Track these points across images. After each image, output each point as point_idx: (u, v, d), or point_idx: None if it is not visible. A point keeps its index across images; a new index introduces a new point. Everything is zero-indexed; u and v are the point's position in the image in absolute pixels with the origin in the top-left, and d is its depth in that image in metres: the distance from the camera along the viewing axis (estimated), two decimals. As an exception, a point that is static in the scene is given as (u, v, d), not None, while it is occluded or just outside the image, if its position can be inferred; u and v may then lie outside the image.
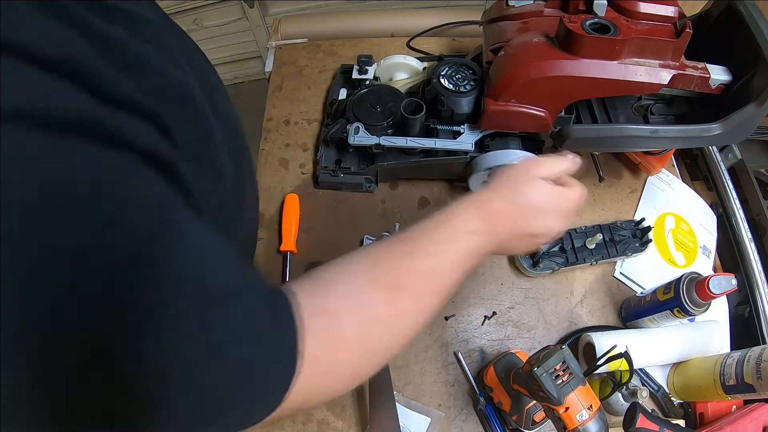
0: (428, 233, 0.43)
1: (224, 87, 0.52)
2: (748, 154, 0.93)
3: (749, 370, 0.57)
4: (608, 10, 0.62)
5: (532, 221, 0.48)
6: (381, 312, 0.37)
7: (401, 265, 0.40)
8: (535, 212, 0.48)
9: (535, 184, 0.48)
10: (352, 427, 0.68)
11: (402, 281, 0.39)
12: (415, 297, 0.39)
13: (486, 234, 0.45)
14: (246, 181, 0.58)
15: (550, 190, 0.48)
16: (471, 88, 0.72)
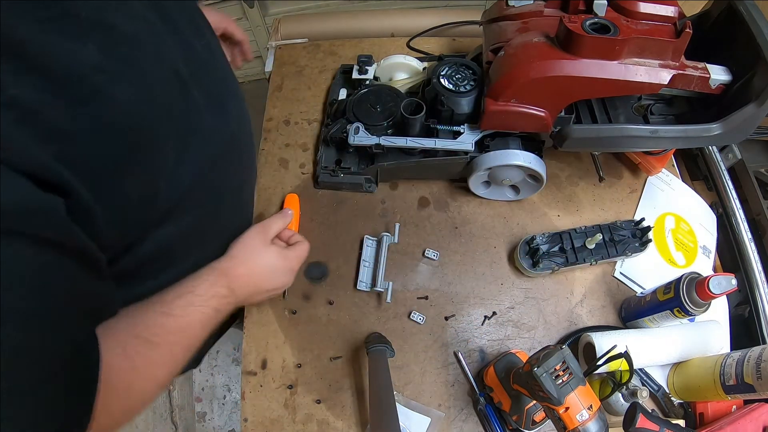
0: (182, 297, 0.50)
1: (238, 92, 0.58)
2: (748, 154, 0.93)
3: (749, 370, 0.57)
4: (608, 10, 0.62)
5: (267, 281, 0.59)
6: (139, 361, 0.43)
7: (158, 322, 0.47)
8: (269, 273, 0.59)
9: (267, 251, 0.59)
10: (352, 427, 0.68)
11: (158, 337, 0.46)
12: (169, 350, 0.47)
13: (229, 296, 0.54)
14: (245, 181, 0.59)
15: (280, 255, 0.60)
16: (471, 88, 0.72)
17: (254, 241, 0.59)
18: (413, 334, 0.73)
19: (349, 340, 0.72)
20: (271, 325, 0.73)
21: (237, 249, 0.58)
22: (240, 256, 0.57)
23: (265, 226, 0.61)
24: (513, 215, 0.80)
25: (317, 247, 0.78)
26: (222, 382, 1.70)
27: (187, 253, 0.56)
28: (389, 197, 0.81)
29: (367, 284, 0.74)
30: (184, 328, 0.49)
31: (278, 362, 0.71)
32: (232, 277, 0.55)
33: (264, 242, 0.59)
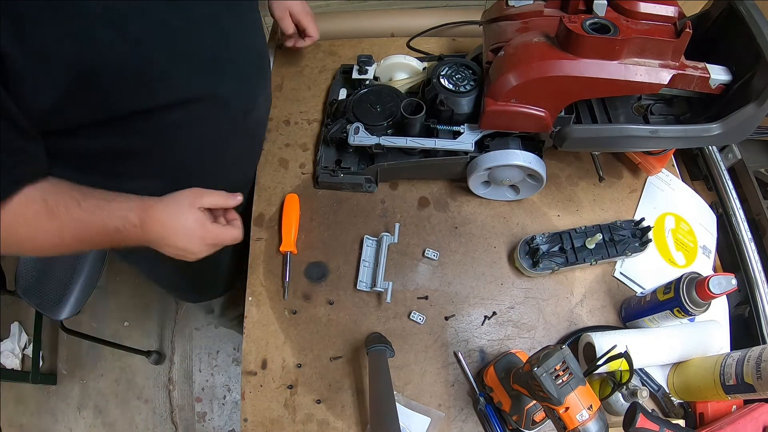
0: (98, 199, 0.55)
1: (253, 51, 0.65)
2: (748, 154, 0.93)
3: (749, 370, 0.57)
4: (608, 10, 0.62)
5: (178, 238, 0.60)
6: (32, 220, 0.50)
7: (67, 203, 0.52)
8: (182, 233, 0.60)
9: (189, 212, 0.60)
10: (352, 427, 0.68)
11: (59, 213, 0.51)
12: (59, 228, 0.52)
13: (137, 227, 0.57)
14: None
15: (200, 223, 0.61)
16: (471, 88, 0.72)
17: (183, 198, 0.61)
18: (413, 334, 0.73)
19: (349, 340, 0.72)
20: (271, 325, 0.73)
21: (168, 197, 0.60)
22: (165, 202, 0.60)
23: (201, 192, 0.62)
24: (513, 215, 0.80)
25: (317, 247, 0.78)
26: (222, 382, 1.70)
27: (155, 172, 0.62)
28: (389, 197, 0.81)
29: (367, 284, 0.74)
30: (84, 222, 0.53)
31: (278, 362, 0.71)
32: (148, 214, 0.58)
33: (191, 204, 0.61)
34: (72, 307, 1.29)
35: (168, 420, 1.66)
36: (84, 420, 1.66)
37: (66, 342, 1.76)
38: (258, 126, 0.76)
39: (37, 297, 1.29)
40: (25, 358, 1.74)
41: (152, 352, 1.69)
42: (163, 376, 1.71)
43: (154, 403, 1.68)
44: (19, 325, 1.77)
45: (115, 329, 1.78)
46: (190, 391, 1.68)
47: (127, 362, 1.72)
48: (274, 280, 0.76)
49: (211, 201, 0.62)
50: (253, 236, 0.79)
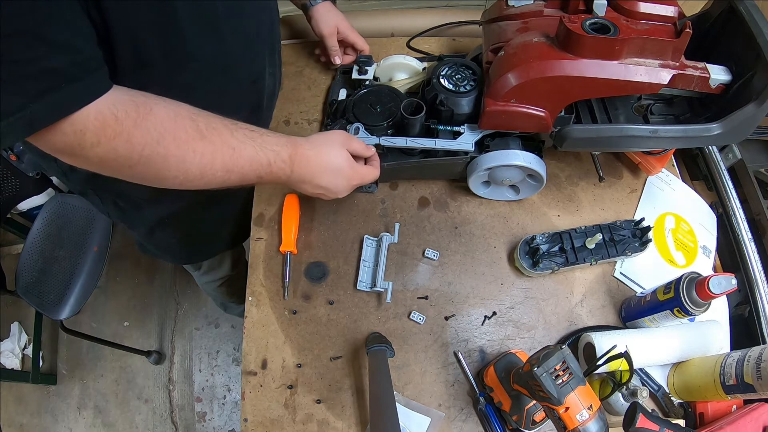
0: (250, 130, 0.55)
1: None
2: (748, 154, 0.93)
3: (749, 370, 0.57)
4: (608, 10, 0.62)
5: (325, 176, 0.61)
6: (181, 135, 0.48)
7: (218, 128, 0.51)
8: (331, 170, 0.61)
9: (341, 152, 0.62)
10: (352, 427, 0.68)
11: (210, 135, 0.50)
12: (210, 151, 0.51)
13: (285, 162, 0.57)
14: None
15: (349, 161, 0.63)
16: (471, 88, 0.72)
17: (335, 137, 0.62)
18: (413, 334, 0.73)
19: (349, 340, 0.72)
20: (271, 325, 0.73)
21: (315, 137, 0.61)
22: (316, 141, 0.60)
23: (349, 136, 0.65)
24: (513, 215, 0.80)
25: (317, 247, 0.78)
26: (222, 382, 1.70)
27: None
28: (389, 197, 0.81)
29: (367, 284, 0.74)
30: (234, 148, 0.52)
31: (278, 362, 0.71)
32: (299, 152, 0.58)
33: (342, 144, 0.62)
34: (72, 307, 1.29)
35: (168, 420, 1.66)
36: (84, 420, 1.67)
37: (66, 342, 1.76)
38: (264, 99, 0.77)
39: (37, 297, 1.30)
40: (25, 358, 1.74)
41: (152, 352, 1.69)
42: (163, 376, 1.71)
43: (154, 403, 1.68)
44: (19, 325, 1.77)
45: (115, 329, 1.79)
46: (190, 391, 1.68)
47: (127, 362, 1.72)
48: (274, 280, 0.76)
49: (356, 147, 0.64)
50: (253, 236, 0.79)
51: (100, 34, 0.48)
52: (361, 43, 0.89)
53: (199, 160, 0.50)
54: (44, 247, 1.37)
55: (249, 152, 0.54)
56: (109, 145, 0.45)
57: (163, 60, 0.55)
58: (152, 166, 0.49)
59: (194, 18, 0.54)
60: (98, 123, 0.44)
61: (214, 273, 1.14)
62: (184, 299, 1.82)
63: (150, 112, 0.46)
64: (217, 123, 0.52)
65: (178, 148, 0.49)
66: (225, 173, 0.53)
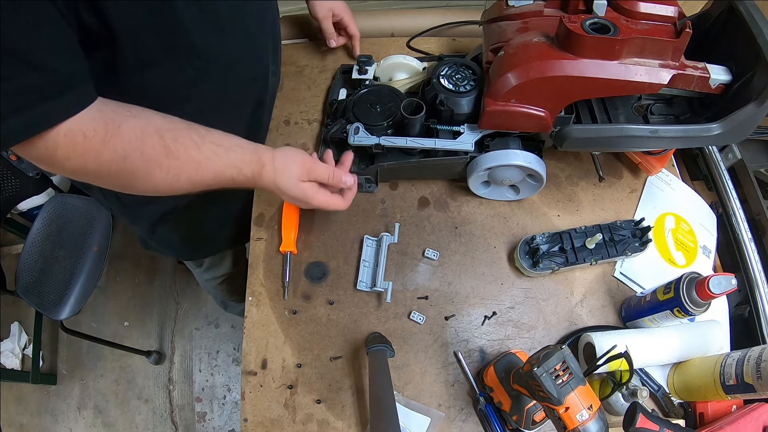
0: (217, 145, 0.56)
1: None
2: (748, 154, 0.93)
3: (749, 370, 0.57)
4: (608, 10, 0.62)
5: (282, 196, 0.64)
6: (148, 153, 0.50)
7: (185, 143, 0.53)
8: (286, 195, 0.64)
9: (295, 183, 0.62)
10: (352, 427, 0.68)
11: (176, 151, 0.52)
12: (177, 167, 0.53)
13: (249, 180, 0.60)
14: None
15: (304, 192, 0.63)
16: (471, 88, 0.72)
17: (295, 170, 0.62)
18: (413, 334, 0.73)
19: (349, 340, 0.72)
20: (271, 325, 0.73)
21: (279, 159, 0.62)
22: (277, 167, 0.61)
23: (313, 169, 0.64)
24: (513, 215, 0.80)
25: (317, 247, 0.78)
26: (222, 382, 1.70)
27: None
28: (389, 197, 0.81)
29: (367, 284, 0.74)
30: (200, 164, 0.54)
31: (278, 362, 0.71)
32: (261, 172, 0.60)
33: (300, 177, 0.63)
34: (72, 307, 1.29)
35: (168, 420, 1.66)
36: (84, 420, 1.67)
37: (66, 342, 1.76)
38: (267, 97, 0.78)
39: (37, 297, 1.30)
40: (25, 358, 1.74)
41: (152, 352, 1.69)
42: (163, 376, 1.71)
43: (154, 403, 1.68)
44: (19, 325, 1.77)
45: (115, 329, 1.79)
46: (190, 391, 1.68)
47: (127, 362, 1.72)
48: (274, 280, 0.76)
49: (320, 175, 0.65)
50: (253, 236, 0.79)
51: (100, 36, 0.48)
52: (353, 28, 0.90)
53: (165, 175, 0.53)
54: (44, 247, 1.37)
55: (213, 168, 0.56)
56: (79, 161, 0.47)
57: (166, 59, 0.56)
58: (121, 179, 0.51)
59: (196, 17, 0.54)
60: (68, 140, 0.45)
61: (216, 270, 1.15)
62: (184, 299, 1.82)
63: (118, 129, 0.48)
64: (185, 138, 0.53)
65: (145, 164, 0.51)
66: (191, 185, 0.56)
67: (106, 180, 0.51)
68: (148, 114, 0.52)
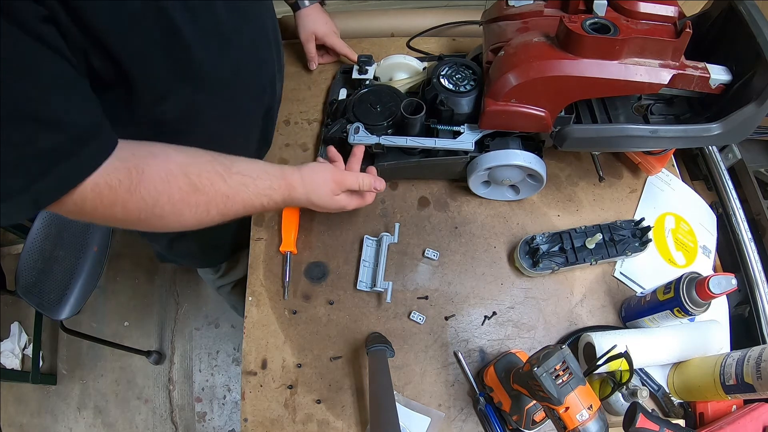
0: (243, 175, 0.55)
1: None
2: (748, 154, 0.93)
3: (749, 370, 0.57)
4: (608, 10, 0.62)
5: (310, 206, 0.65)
6: (175, 195, 0.49)
7: (211, 178, 0.52)
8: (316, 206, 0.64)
9: (331, 199, 0.64)
10: (352, 427, 0.68)
11: (203, 187, 0.51)
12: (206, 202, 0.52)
13: (279, 204, 0.60)
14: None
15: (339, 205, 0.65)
16: (471, 88, 0.72)
17: (327, 186, 0.63)
18: (413, 334, 0.73)
19: (349, 340, 0.72)
20: (271, 325, 0.73)
21: (308, 177, 0.62)
22: (308, 185, 0.62)
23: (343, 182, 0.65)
24: (513, 215, 0.80)
25: (317, 247, 0.78)
26: (222, 382, 1.70)
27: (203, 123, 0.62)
28: (389, 197, 0.81)
29: (367, 284, 0.74)
30: (228, 197, 0.54)
31: (278, 362, 0.71)
32: (292, 195, 0.61)
33: (334, 191, 0.64)
34: (72, 307, 1.29)
35: (168, 420, 1.66)
36: (84, 420, 1.67)
37: (66, 342, 1.76)
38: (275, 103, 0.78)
39: (37, 297, 1.30)
40: (25, 358, 1.74)
41: (152, 352, 1.69)
42: (163, 376, 1.71)
43: (154, 403, 1.68)
44: (19, 325, 1.77)
45: (115, 329, 1.79)
46: (190, 391, 1.68)
47: (127, 362, 1.72)
48: (274, 280, 0.76)
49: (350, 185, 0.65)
50: (253, 236, 0.79)
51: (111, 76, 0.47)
52: (341, 47, 0.89)
53: (194, 212, 0.52)
54: (44, 247, 1.37)
55: (242, 198, 0.55)
56: (107, 211, 0.47)
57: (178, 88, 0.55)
58: (151, 223, 0.51)
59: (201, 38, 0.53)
60: (95, 194, 0.45)
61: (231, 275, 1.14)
62: (184, 299, 1.82)
63: (142, 176, 0.47)
64: (210, 172, 0.52)
65: (174, 206, 0.50)
66: (221, 217, 0.55)
67: (136, 225, 0.50)
68: (168, 151, 0.51)
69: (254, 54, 0.65)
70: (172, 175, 0.49)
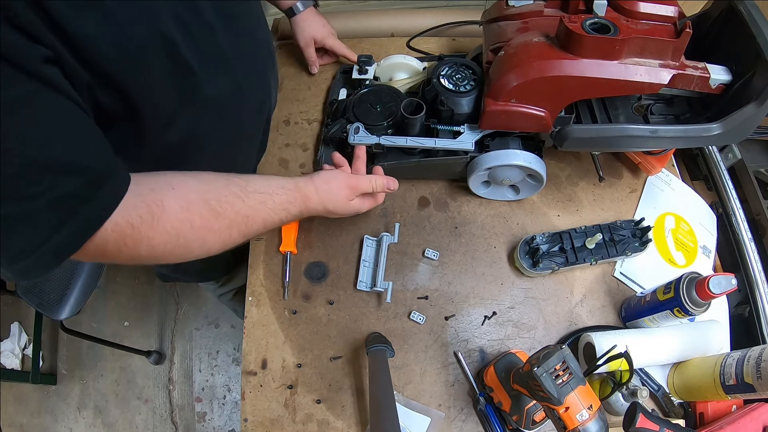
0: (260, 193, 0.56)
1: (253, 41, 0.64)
2: (748, 154, 0.93)
3: (749, 370, 0.57)
4: (608, 10, 0.62)
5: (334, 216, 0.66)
6: (197, 222, 0.49)
7: (229, 200, 0.52)
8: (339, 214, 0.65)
9: (347, 205, 0.65)
10: (352, 427, 0.68)
11: (223, 211, 0.51)
12: (228, 225, 0.52)
13: (297, 215, 0.61)
14: None
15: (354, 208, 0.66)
16: (471, 88, 0.72)
17: (342, 193, 0.64)
18: (413, 334, 0.73)
19: (349, 340, 0.72)
20: (271, 325, 0.73)
21: (322, 185, 0.63)
22: (322, 194, 0.62)
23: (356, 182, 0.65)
24: (513, 215, 0.80)
25: (317, 247, 0.78)
26: (222, 382, 1.70)
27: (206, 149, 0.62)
28: (389, 197, 0.81)
29: (367, 284, 0.74)
30: (248, 216, 0.54)
31: (278, 362, 0.71)
32: (308, 206, 0.61)
33: (349, 197, 0.65)
34: (72, 307, 1.29)
35: (168, 420, 1.66)
36: (84, 420, 1.67)
37: (66, 342, 1.76)
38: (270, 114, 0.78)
39: (37, 297, 1.30)
40: (25, 358, 1.74)
41: (152, 352, 1.69)
42: (163, 376, 1.71)
43: (154, 403, 1.68)
44: (19, 325, 1.77)
45: (115, 329, 1.79)
46: (190, 391, 1.68)
47: (127, 362, 1.72)
48: (274, 280, 0.76)
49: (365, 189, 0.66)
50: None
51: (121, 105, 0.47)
52: (340, 48, 0.89)
53: (217, 237, 0.52)
54: (44, 247, 1.36)
55: (262, 216, 0.56)
56: (132, 251, 0.45)
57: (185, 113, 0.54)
58: (176, 254, 0.50)
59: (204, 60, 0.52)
60: (117, 235, 0.43)
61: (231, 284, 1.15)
62: (184, 299, 1.82)
63: (162, 209, 0.46)
64: (228, 195, 0.52)
65: (197, 234, 0.50)
66: (243, 238, 0.55)
67: (163, 259, 0.50)
68: (186, 179, 0.50)
69: (253, 70, 0.64)
70: (192, 203, 0.49)
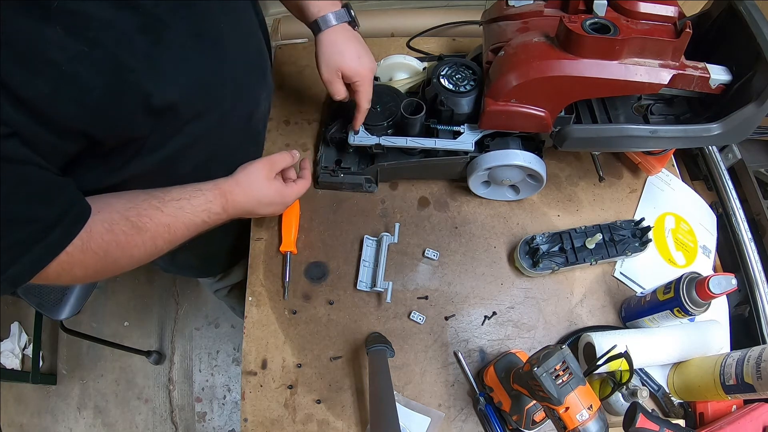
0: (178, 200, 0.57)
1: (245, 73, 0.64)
2: (748, 154, 0.93)
3: (749, 370, 0.57)
4: (608, 10, 0.62)
5: (260, 209, 0.65)
6: (121, 239, 0.52)
7: (150, 213, 0.54)
8: (265, 204, 0.64)
9: (269, 186, 0.64)
10: (352, 427, 0.68)
11: (144, 225, 0.53)
12: (151, 237, 0.54)
13: (221, 214, 0.61)
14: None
15: (279, 192, 0.65)
16: (471, 88, 0.72)
17: (260, 173, 0.63)
18: (413, 334, 0.73)
19: (349, 340, 0.72)
20: (271, 325, 0.73)
21: (242, 176, 0.62)
22: (243, 184, 0.62)
23: (273, 161, 0.65)
24: (513, 215, 0.80)
25: (317, 247, 0.78)
26: (222, 382, 1.70)
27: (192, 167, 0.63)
28: (389, 197, 0.81)
29: (367, 284, 0.74)
30: (170, 226, 0.56)
31: (278, 362, 0.71)
32: (229, 200, 0.61)
33: (268, 177, 0.64)
34: (72, 307, 1.29)
35: (168, 420, 1.66)
36: (84, 420, 1.67)
37: (66, 342, 1.76)
38: (260, 123, 0.77)
39: (37, 297, 1.29)
40: (25, 358, 1.74)
41: (152, 352, 1.69)
42: (163, 376, 1.71)
43: (154, 403, 1.68)
44: (19, 325, 1.77)
45: (115, 329, 1.79)
46: (190, 391, 1.68)
47: (127, 362, 1.72)
48: (274, 280, 0.76)
49: (282, 165, 0.66)
50: (253, 236, 0.79)
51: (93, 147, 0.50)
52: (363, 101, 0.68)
53: (143, 250, 0.55)
54: (44, 247, 1.36)
55: (183, 221, 0.57)
56: (69, 276, 0.50)
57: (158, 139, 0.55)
58: (107, 270, 0.54)
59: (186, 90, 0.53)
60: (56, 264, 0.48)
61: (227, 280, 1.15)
62: (184, 299, 1.82)
63: (90, 234, 0.49)
64: (147, 208, 0.54)
65: (122, 250, 0.53)
66: (169, 245, 0.57)
67: (94, 276, 0.54)
68: (107, 200, 0.53)
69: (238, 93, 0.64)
70: (115, 223, 0.52)
